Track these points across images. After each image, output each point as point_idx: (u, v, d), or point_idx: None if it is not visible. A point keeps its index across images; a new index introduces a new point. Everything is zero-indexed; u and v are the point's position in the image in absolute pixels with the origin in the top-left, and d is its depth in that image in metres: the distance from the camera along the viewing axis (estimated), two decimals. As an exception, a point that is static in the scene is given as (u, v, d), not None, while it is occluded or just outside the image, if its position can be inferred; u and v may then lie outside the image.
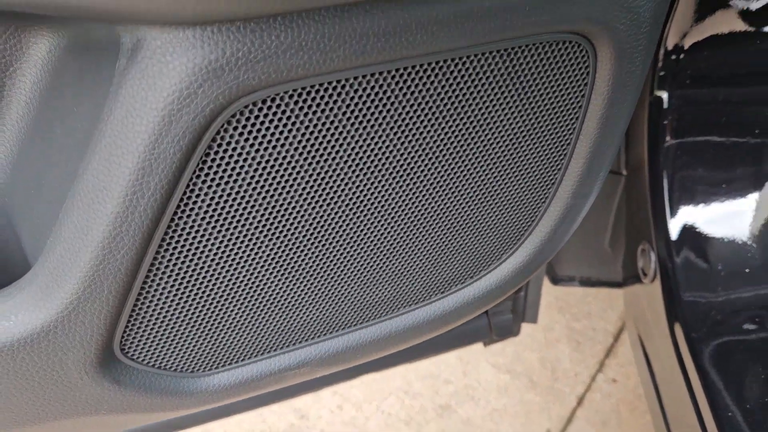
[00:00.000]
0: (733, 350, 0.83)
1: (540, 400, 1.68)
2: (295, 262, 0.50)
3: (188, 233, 0.45)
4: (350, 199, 0.48)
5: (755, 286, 0.85)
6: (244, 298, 0.51)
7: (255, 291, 0.50)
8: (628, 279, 1.09)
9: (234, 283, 0.49)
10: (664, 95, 0.92)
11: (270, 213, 0.46)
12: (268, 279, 0.50)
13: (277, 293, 0.52)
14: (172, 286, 0.47)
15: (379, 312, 0.59)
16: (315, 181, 0.46)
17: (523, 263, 0.62)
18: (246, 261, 0.48)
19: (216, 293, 0.49)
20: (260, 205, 0.45)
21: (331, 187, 0.47)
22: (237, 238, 0.46)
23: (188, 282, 0.47)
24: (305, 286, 0.52)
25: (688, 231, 0.91)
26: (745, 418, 0.78)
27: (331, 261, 0.52)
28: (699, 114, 0.91)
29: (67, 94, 0.43)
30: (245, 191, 0.44)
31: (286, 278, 0.51)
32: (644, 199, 0.97)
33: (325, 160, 0.45)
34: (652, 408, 1.01)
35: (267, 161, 0.43)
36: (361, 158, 0.46)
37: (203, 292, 0.49)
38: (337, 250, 0.51)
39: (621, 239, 1.15)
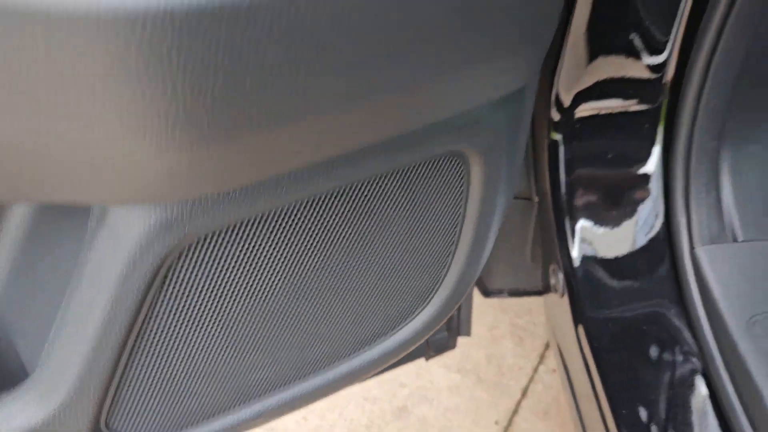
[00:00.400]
0: (628, 358, 0.98)
1: (488, 395, 1.83)
2: (242, 343, 0.62)
3: (153, 337, 0.56)
4: (281, 293, 0.61)
5: (644, 301, 1.00)
6: (201, 377, 0.63)
7: (208, 370, 0.63)
8: (545, 290, 1.24)
9: (192, 368, 0.61)
10: (559, 137, 1.06)
11: (216, 313, 0.58)
12: (216, 361, 0.62)
13: (227, 369, 0.64)
14: (143, 375, 0.59)
15: (317, 368, 0.72)
16: (252, 284, 0.58)
17: (434, 314, 0.75)
18: (200, 349, 0.60)
19: (179, 377, 0.61)
20: (208, 308, 0.57)
21: (264, 287, 0.59)
22: (193, 334, 0.58)
23: (156, 371, 0.59)
24: (252, 359, 0.65)
25: (587, 254, 1.05)
26: (637, 415, 0.93)
27: (273, 338, 0.64)
28: (589, 151, 1.05)
29: (47, 238, 0.54)
30: (195, 301, 0.56)
31: (233, 358, 0.63)
32: (551, 226, 1.11)
33: (259, 268, 0.58)
34: (570, 404, 1.16)
35: (211, 277, 0.55)
36: (287, 264, 0.58)
37: (169, 376, 0.60)
38: (277, 330, 0.64)
39: (540, 254, 1.29)
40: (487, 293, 1.41)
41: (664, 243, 1.00)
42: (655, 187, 1.01)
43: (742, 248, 0.95)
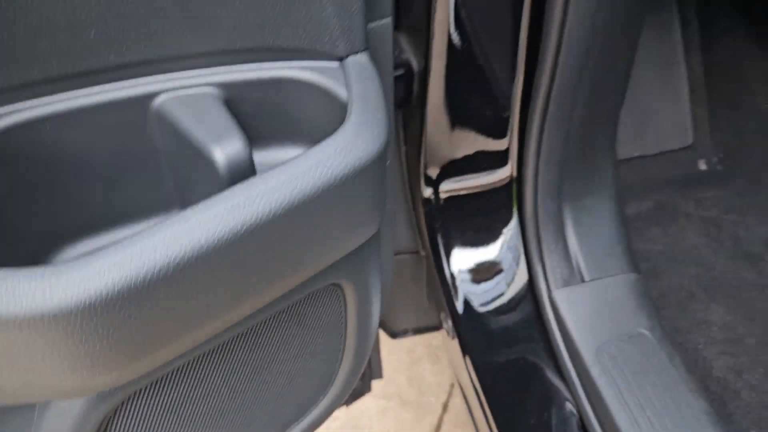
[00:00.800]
0: (511, 393, 1.16)
1: (412, 415, 2.00)
2: None
3: None
4: (202, 414, 0.74)
5: (520, 343, 1.18)
6: None
7: None
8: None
9: None
10: (431, 208, 1.23)
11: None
12: None
13: None
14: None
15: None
16: (175, 414, 0.72)
17: (336, 395, 0.91)
18: None
19: None
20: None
21: (186, 413, 0.73)
22: None
23: None
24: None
25: (469, 303, 1.23)
26: (521, 440, 1.11)
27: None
28: (458, 219, 1.23)
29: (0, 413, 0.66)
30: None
31: None
32: (435, 280, 1.28)
33: (179, 402, 0.71)
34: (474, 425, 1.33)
35: (143, 416, 0.69)
36: (203, 394, 0.72)
37: None
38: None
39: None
40: (393, 335, 1.58)
41: (529, 291, 1.18)
42: (516, 244, 1.19)
43: (588, 287, 1.15)
